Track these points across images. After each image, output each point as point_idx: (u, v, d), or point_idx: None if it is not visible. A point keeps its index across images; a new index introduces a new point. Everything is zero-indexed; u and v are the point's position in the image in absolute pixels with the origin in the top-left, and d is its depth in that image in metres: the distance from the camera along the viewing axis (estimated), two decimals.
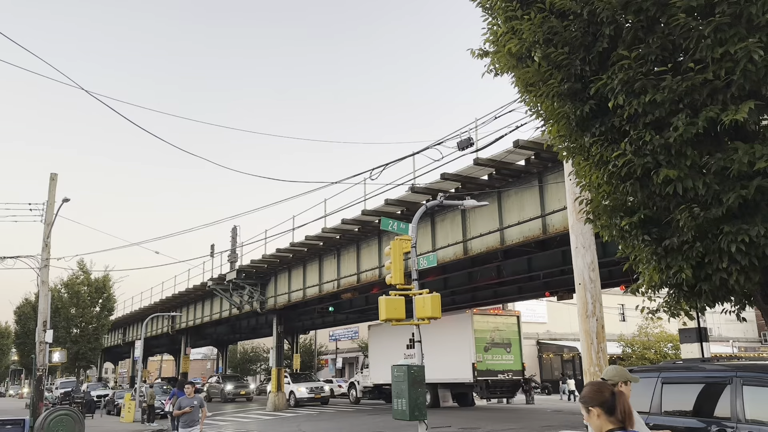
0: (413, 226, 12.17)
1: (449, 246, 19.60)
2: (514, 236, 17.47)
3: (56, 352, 26.38)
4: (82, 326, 38.99)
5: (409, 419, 10.43)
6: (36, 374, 20.51)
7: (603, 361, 8.31)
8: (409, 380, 10.47)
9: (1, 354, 60.91)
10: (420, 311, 11.24)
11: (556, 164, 16.01)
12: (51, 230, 21.18)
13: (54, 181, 21.49)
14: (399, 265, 11.70)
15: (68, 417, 9.69)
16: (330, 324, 44.95)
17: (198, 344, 50.18)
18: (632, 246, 5.36)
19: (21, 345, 46.78)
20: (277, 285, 30.65)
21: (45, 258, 21.11)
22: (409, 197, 19.34)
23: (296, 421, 22.21)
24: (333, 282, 25.96)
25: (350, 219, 21.99)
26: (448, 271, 23.44)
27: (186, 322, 41.43)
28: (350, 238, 24.39)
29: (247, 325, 44.16)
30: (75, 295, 38.98)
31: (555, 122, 5.41)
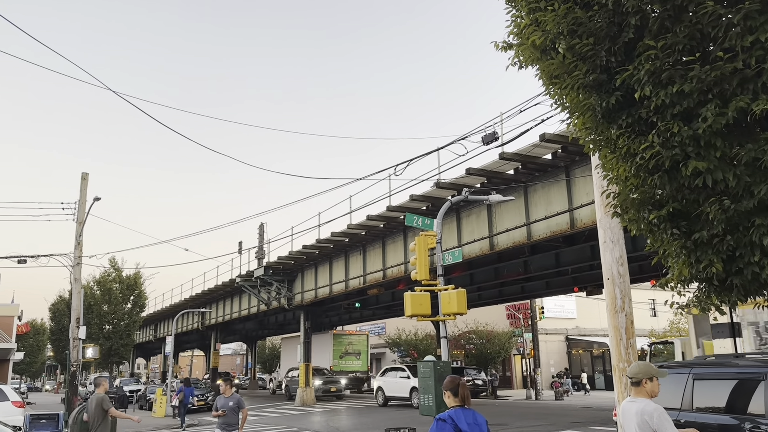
0: (438, 221, 12.14)
1: (475, 241, 19.50)
2: (541, 231, 17.30)
3: (89, 348, 26.98)
4: (114, 323, 39.76)
5: (436, 414, 10.42)
6: (70, 370, 21.01)
7: (632, 357, 8.18)
8: (435, 376, 10.46)
9: (37, 350, 62.41)
10: (445, 307, 11.20)
11: (584, 157, 15.80)
12: (83, 229, 21.64)
13: (85, 181, 21.94)
14: (424, 260, 11.68)
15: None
16: (356, 320, 45.14)
17: (227, 340, 50.85)
18: (661, 240, 5.25)
19: (56, 341, 47.87)
20: (304, 281, 30.86)
21: (77, 256, 21.58)
22: (434, 193, 19.29)
23: (325, 416, 22.36)
24: (359, 278, 26.05)
25: (375, 215, 22.03)
26: (474, 267, 23.33)
27: (215, 318, 41.99)
28: (375, 234, 24.43)
29: (275, 321, 44.59)
30: (107, 292, 39.74)
31: (580, 114, 5.32)
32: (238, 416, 9.68)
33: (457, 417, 4.32)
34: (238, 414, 9.69)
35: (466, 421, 4.31)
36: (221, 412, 9.57)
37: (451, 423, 4.37)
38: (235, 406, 9.69)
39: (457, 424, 4.35)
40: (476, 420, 4.44)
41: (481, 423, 4.50)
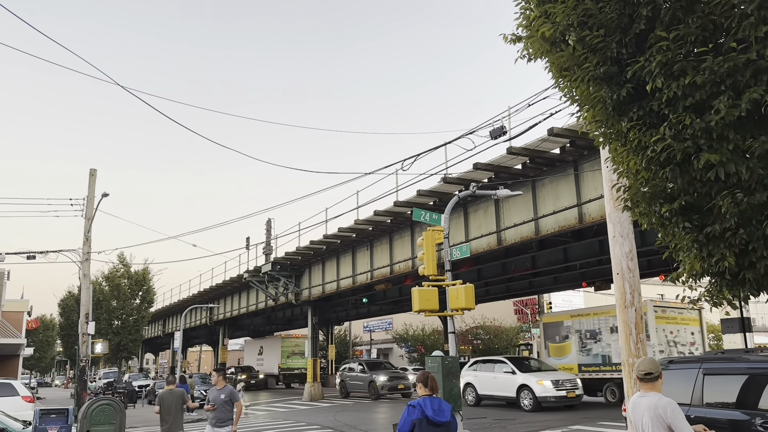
0: (445, 216, 12.10)
1: (482, 236, 19.45)
2: (549, 226, 17.23)
3: (98, 343, 27.20)
4: (123, 318, 39.99)
5: None
6: (79, 365, 21.14)
7: (642, 352, 8.14)
8: (443, 371, 10.44)
9: (47, 345, 62.87)
10: (453, 302, 11.17)
11: (593, 152, 15.71)
12: (91, 224, 21.73)
13: (93, 177, 22.01)
14: (432, 255, 11.65)
15: (110, 406, 9.92)
16: (364, 315, 45.18)
17: (235, 335, 51.03)
18: (672, 234, 5.20)
19: (65, 336, 48.19)
20: (311, 277, 30.91)
21: (86, 252, 21.67)
22: (441, 188, 19.24)
23: (332, 411, 22.42)
24: (366, 273, 26.05)
25: (382, 210, 22.01)
26: (482, 262, 23.29)
27: (223, 313, 42.15)
28: (383, 230, 24.41)
29: (283, 316, 44.69)
30: (116, 287, 39.96)
31: (591, 107, 5.27)
32: (231, 410, 8.88)
33: (424, 404, 5.24)
34: (231, 408, 8.88)
35: (432, 408, 5.21)
36: (212, 406, 8.82)
37: (419, 408, 5.23)
38: (228, 399, 8.87)
39: (423, 410, 5.21)
40: (441, 406, 5.29)
41: (445, 409, 5.31)
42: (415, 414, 5.25)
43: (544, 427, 15.04)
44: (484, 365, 22.09)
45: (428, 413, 5.20)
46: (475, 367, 22.40)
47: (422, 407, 5.20)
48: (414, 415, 5.24)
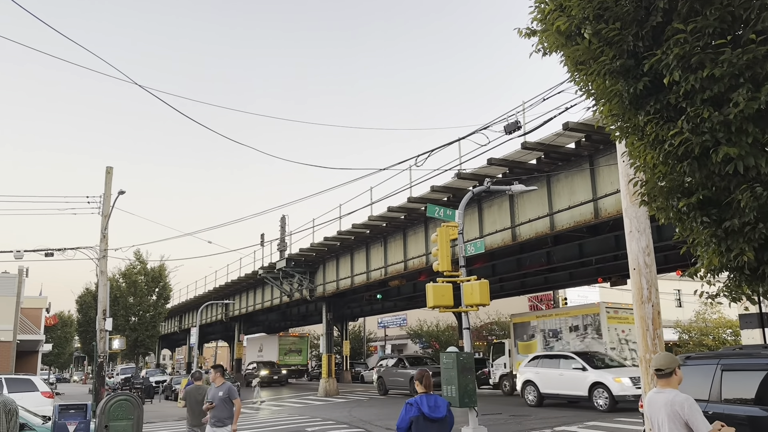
0: (460, 212, 12.06)
1: (497, 232, 19.39)
2: (564, 221, 17.14)
3: (116, 339, 27.47)
4: (140, 314, 40.38)
5: (459, 406, 10.38)
6: (97, 361, 21.40)
7: (659, 348, 8.07)
8: (458, 367, 10.43)
9: (65, 341, 63.68)
10: (468, 298, 11.15)
11: (608, 146, 15.59)
12: (108, 222, 21.95)
13: (110, 175, 22.23)
14: (446, 251, 11.62)
15: (128, 402, 10.03)
16: (378, 311, 45.31)
17: (251, 331, 51.37)
18: (690, 228, 5.15)
19: (83, 333, 48.77)
20: (326, 273, 31.00)
21: (103, 249, 21.91)
22: (455, 183, 19.20)
23: (347, 407, 22.50)
24: (380, 270, 26.08)
25: (396, 206, 22.01)
26: (496, 258, 23.21)
27: (239, 309, 42.43)
28: (396, 226, 24.42)
29: (298, 312, 44.91)
30: (132, 284, 40.35)
31: (607, 101, 5.22)
32: (231, 408, 8.57)
33: (421, 401, 5.61)
34: (231, 406, 8.58)
35: (428, 404, 5.58)
36: (210, 404, 8.53)
37: (416, 406, 5.58)
38: (226, 396, 8.55)
39: (420, 407, 5.56)
40: (437, 403, 5.66)
41: (441, 405, 5.67)
42: (412, 411, 5.60)
43: (558, 423, 14.98)
44: (548, 361, 19.83)
45: (424, 410, 5.54)
46: (536, 362, 20.23)
47: (419, 404, 5.59)
48: (411, 413, 5.60)
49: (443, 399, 5.79)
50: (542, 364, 19.89)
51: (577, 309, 23.66)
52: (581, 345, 22.00)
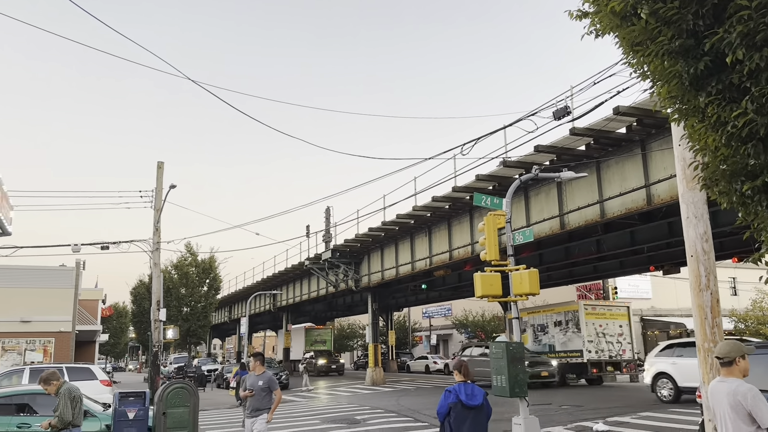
0: (507, 200, 11.91)
1: (545, 221, 19.08)
2: (615, 208, 16.73)
3: (170, 329, 28.34)
4: (191, 305, 41.42)
5: (510, 396, 10.28)
6: (152, 350, 22.09)
7: (718, 337, 7.80)
8: (507, 357, 10.31)
9: (120, 332, 65.93)
10: (517, 287, 11.01)
11: (661, 130, 15.13)
12: (160, 215, 22.57)
13: (161, 169, 22.82)
14: (493, 240, 11.50)
15: (184, 389, 10.31)
16: (423, 301, 45.31)
17: (298, 321, 52.18)
18: (755, 212, 4.94)
19: (137, 323, 50.34)
20: (371, 263, 31.16)
21: (156, 241, 22.55)
22: (500, 172, 18.96)
23: (394, 396, 22.63)
24: (425, 260, 26.05)
25: (441, 196, 21.90)
26: (544, 247, 22.87)
27: (286, 299, 43.11)
28: (441, 216, 24.32)
29: (343, 302, 45.34)
30: (184, 275, 41.40)
31: (665, 83, 5.04)
32: (270, 398, 8.33)
33: (459, 389, 6.00)
34: (270, 395, 8.34)
35: (465, 393, 5.96)
36: (250, 392, 8.28)
37: (454, 393, 5.94)
38: (266, 386, 8.33)
39: (458, 395, 5.92)
40: (474, 391, 6.04)
41: (477, 394, 6.03)
42: (450, 398, 5.99)
43: (610, 414, 14.71)
44: (687, 350, 16.89)
45: (462, 397, 5.92)
46: (671, 352, 17.68)
47: (457, 392, 5.99)
48: (450, 399, 5.99)
49: (480, 388, 6.15)
50: (680, 354, 17.16)
51: (560, 306, 26.42)
52: (563, 338, 24.98)
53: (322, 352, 46.09)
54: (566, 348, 24.83)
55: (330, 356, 44.73)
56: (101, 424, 10.13)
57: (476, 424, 6.03)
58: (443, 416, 6.05)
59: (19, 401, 10.47)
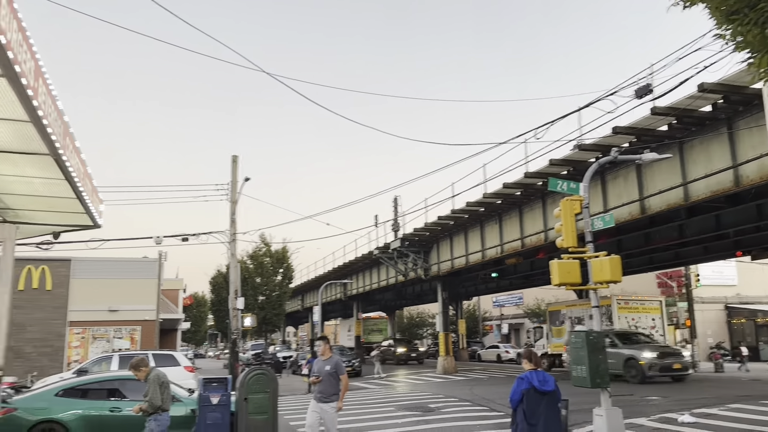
0: (585, 185, 11.48)
1: (623, 205, 18.36)
2: (699, 191, 15.87)
3: (247, 317, 29.19)
4: (266, 294, 42.55)
5: (591, 386, 9.96)
6: (231, 338, 22.84)
7: None
8: (588, 347, 9.99)
9: (200, 320, 68.60)
10: (597, 275, 10.61)
11: (749, 107, 14.21)
12: (236, 207, 23.23)
13: (235, 163, 23.45)
14: (570, 227, 11.12)
15: (264, 376, 10.57)
16: (493, 290, 44.77)
17: (368, 309, 52.75)
18: None
19: (216, 311, 52.21)
20: (440, 252, 31.00)
21: (232, 233, 23.24)
22: (575, 156, 18.36)
23: (467, 385, 22.49)
24: (496, 248, 25.65)
25: (512, 182, 21.46)
26: (622, 233, 22.02)
27: (356, 288, 43.61)
28: (512, 202, 23.85)
29: (412, 291, 45.41)
30: (259, 265, 42.53)
31: (766, 53, 4.68)
32: (338, 383, 8.18)
33: (530, 376, 6.33)
34: (338, 381, 8.19)
35: (537, 379, 6.28)
36: (317, 378, 8.19)
37: (527, 380, 6.26)
38: (334, 371, 8.19)
39: (530, 381, 6.24)
40: (545, 378, 6.35)
41: (549, 380, 6.35)
42: (523, 385, 6.29)
43: (698, 405, 14.04)
44: None
45: (535, 384, 6.22)
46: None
47: (529, 379, 6.31)
48: (522, 386, 6.29)
49: (551, 375, 6.49)
50: None
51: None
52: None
53: (401, 341, 45.72)
54: None
55: (409, 344, 43.79)
56: (186, 408, 10.55)
57: (550, 409, 6.37)
58: (516, 403, 6.37)
59: (110, 386, 11.03)
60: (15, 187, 6.39)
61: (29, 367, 23.98)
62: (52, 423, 10.15)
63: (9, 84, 3.89)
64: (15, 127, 4.74)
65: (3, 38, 3.36)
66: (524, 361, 6.57)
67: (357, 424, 13.40)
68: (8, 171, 5.86)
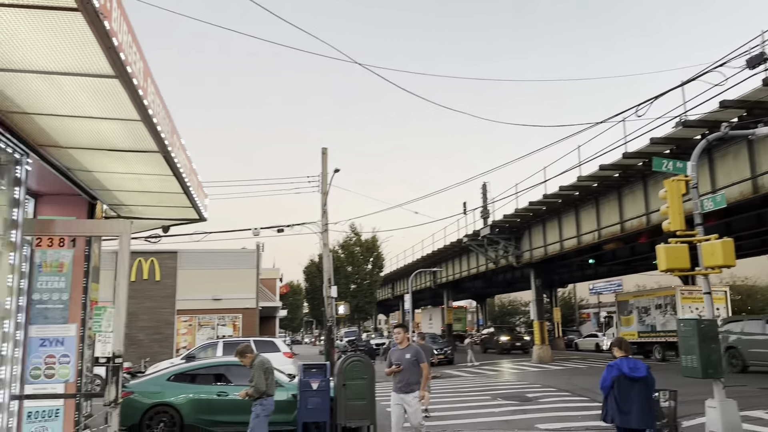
0: (692, 163, 10.74)
1: (733, 184, 17.11)
2: None
3: (341, 305, 29.92)
4: (358, 282, 43.36)
5: (702, 377, 9.36)
6: (326, 325, 23.44)
7: None
8: (699, 336, 9.38)
9: (296, 308, 70.98)
10: (708, 259, 9.93)
11: None
12: (327, 198, 23.73)
13: (325, 155, 23.94)
14: (677, 208, 10.45)
15: (361, 362, 10.75)
16: (590, 277, 43.25)
17: (458, 297, 52.55)
18: None
19: (311, 300, 53.81)
20: (532, 238, 30.26)
21: (324, 223, 23.79)
22: (678, 133, 17.28)
23: (565, 374, 21.88)
24: (593, 233, 24.70)
25: (609, 164, 20.54)
26: (732, 214, 20.57)
27: (446, 277, 43.49)
28: (609, 185, 22.85)
29: (503, 279, 44.72)
30: (350, 254, 43.39)
31: None
32: (419, 372, 7.87)
33: (621, 363, 6.38)
34: (418, 369, 7.88)
35: (628, 366, 6.34)
36: (398, 367, 7.86)
37: (617, 367, 6.32)
38: (414, 359, 7.89)
39: (621, 368, 6.28)
40: (636, 365, 6.39)
41: (640, 367, 6.37)
42: (613, 372, 6.36)
43: None
44: None
45: (625, 371, 6.28)
46: None
47: (619, 366, 6.37)
48: (613, 373, 6.35)
49: (642, 362, 6.55)
50: None
51: (660, 291, 29.14)
52: (663, 320, 27.32)
53: (502, 328, 44.42)
54: (665, 328, 27.07)
55: (512, 332, 41.68)
56: (288, 393, 10.91)
57: (642, 395, 6.38)
58: (607, 390, 6.43)
59: (216, 372, 11.60)
60: (128, 184, 6.80)
61: (142, 353, 25.77)
62: (165, 406, 10.81)
63: (122, 85, 4.11)
64: (127, 127, 5.02)
65: (115, 40, 3.53)
66: (615, 349, 6.67)
67: (452, 411, 13.37)
68: (121, 169, 6.23)
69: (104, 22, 3.35)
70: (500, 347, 38.64)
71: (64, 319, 6.64)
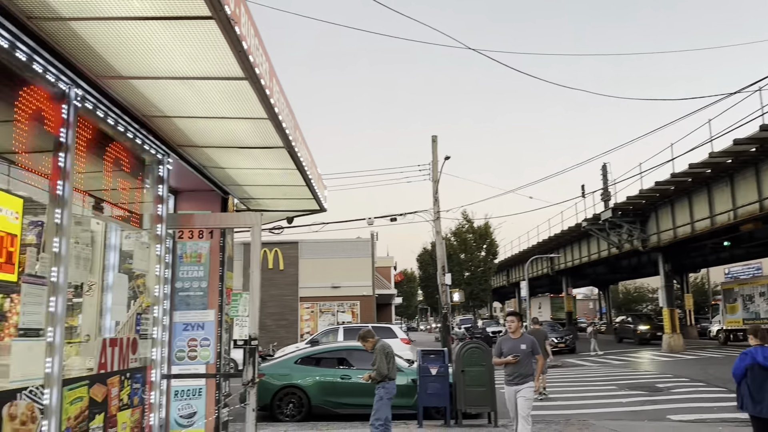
0: None
1: None
2: None
3: (455, 292, 29.88)
4: (471, 269, 43.12)
5: None
6: (441, 312, 23.56)
7: None
8: None
9: (410, 295, 71.96)
10: None
11: None
12: (438, 186, 23.77)
13: (435, 143, 23.95)
14: None
15: (479, 349, 10.76)
16: (725, 260, 40.03)
17: (578, 284, 50.69)
18: None
19: (425, 287, 54.32)
20: (659, 221, 28.50)
21: (436, 211, 23.86)
22: None
23: (698, 364, 20.51)
24: (727, 213, 22.84)
25: (745, 138, 18.93)
26: None
27: (564, 263, 42.07)
28: (745, 161, 21.01)
29: (627, 264, 42.51)
30: (463, 242, 43.22)
31: None
32: (532, 363, 7.56)
33: (755, 352, 6.19)
34: (532, 360, 7.57)
35: (763, 355, 6.12)
36: (514, 357, 7.47)
37: (751, 356, 6.16)
38: (530, 350, 7.55)
39: (754, 356, 6.12)
40: None
41: None
42: (746, 360, 6.21)
43: None
44: None
45: (759, 359, 6.10)
46: None
47: (753, 355, 6.21)
48: (746, 362, 6.21)
49: None
50: None
51: (763, 279, 30.30)
52: (766, 307, 28.23)
53: (640, 317, 41.70)
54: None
55: (651, 321, 38.15)
56: (408, 378, 11.13)
57: None
58: (739, 378, 6.32)
59: (339, 356, 12.08)
60: (256, 178, 7.24)
61: (270, 338, 27.33)
62: (294, 388, 11.43)
63: (250, 85, 4.39)
64: (255, 125, 5.35)
65: (244, 44, 3.78)
66: (750, 337, 6.48)
67: (578, 401, 13.01)
68: (250, 165, 6.65)
69: (235, 28, 3.60)
70: (638, 337, 35.78)
71: (204, 305, 7.21)
